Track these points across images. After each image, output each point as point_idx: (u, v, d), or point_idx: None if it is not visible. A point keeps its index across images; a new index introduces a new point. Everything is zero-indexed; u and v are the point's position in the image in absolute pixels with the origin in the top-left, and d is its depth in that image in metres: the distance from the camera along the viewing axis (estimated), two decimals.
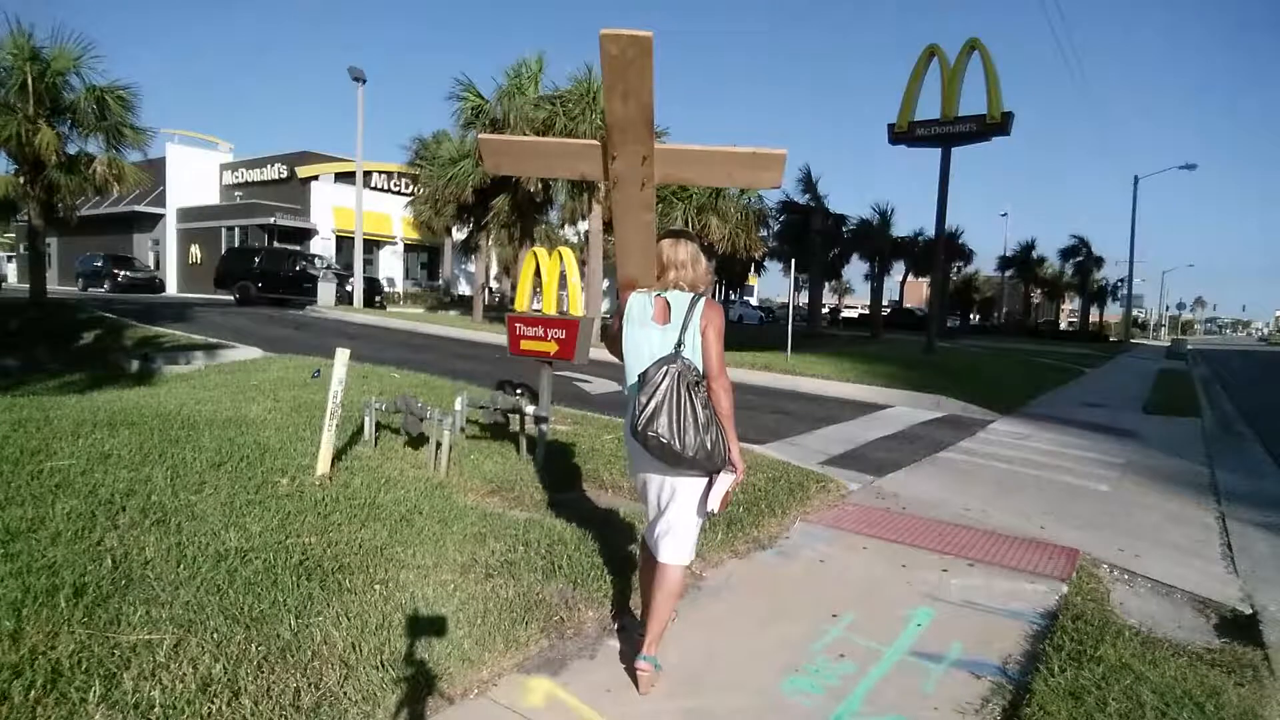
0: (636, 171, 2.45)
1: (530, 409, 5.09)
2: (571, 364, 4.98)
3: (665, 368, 2.39)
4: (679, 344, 2.47)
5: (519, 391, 5.69)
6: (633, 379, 2.54)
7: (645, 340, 2.54)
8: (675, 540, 2.54)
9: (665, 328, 2.53)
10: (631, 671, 2.58)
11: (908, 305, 54.62)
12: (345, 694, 2.26)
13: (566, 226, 30.44)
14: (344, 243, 29.33)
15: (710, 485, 2.48)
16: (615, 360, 2.70)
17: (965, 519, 4.77)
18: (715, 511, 2.50)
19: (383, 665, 2.41)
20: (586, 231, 19.76)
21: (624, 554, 3.56)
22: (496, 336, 14.68)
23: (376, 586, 2.92)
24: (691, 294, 2.57)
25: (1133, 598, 3.74)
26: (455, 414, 4.80)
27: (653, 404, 2.35)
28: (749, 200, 16.47)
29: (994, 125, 18.03)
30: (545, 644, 2.78)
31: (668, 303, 2.56)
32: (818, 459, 6.20)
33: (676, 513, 2.54)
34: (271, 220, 29.14)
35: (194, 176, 32.76)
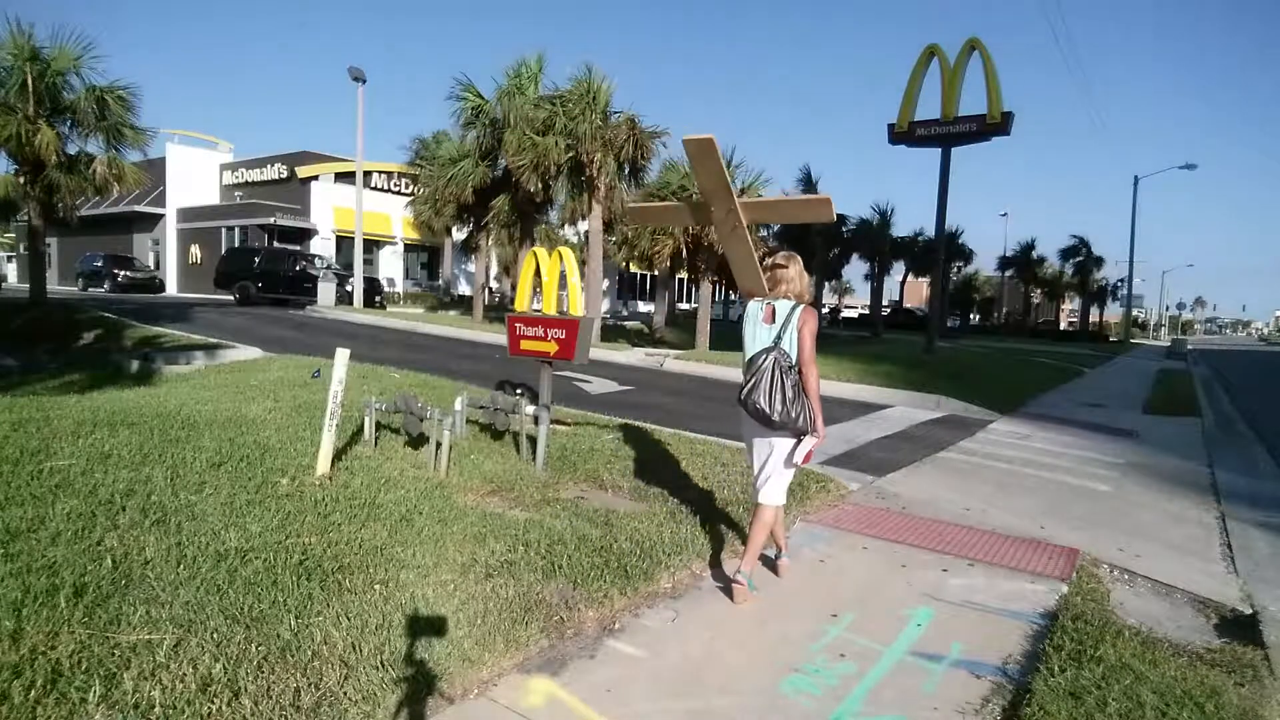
0: (728, 219, 3.38)
1: (530, 409, 5.09)
2: (571, 364, 4.98)
3: (767, 355, 3.24)
4: (778, 338, 3.27)
5: (519, 391, 5.70)
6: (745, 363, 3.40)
7: (756, 335, 3.35)
8: (770, 487, 3.38)
9: (771, 326, 3.32)
10: (729, 588, 3.35)
11: (908, 305, 54.62)
12: (345, 694, 2.26)
13: (566, 226, 30.40)
14: (344, 243, 29.31)
15: (797, 445, 3.28)
16: (616, 361, 2.80)
17: (965, 519, 4.77)
18: (799, 464, 3.33)
19: (383, 665, 2.41)
20: (586, 231, 19.74)
21: (624, 553, 3.56)
22: (496, 336, 14.68)
23: (376, 586, 2.92)
24: (794, 302, 3.35)
25: (1133, 598, 3.74)
26: (455, 414, 4.80)
27: (754, 380, 3.23)
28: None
29: (994, 125, 18.01)
30: (545, 644, 2.78)
31: (774, 308, 3.34)
32: (817, 459, 6.18)
33: (773, 464, 3.36)
34: (271, 220, 29.12)
35: (194, 176, 32.73)
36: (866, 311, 44.25)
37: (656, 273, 24.40)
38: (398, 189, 32.30)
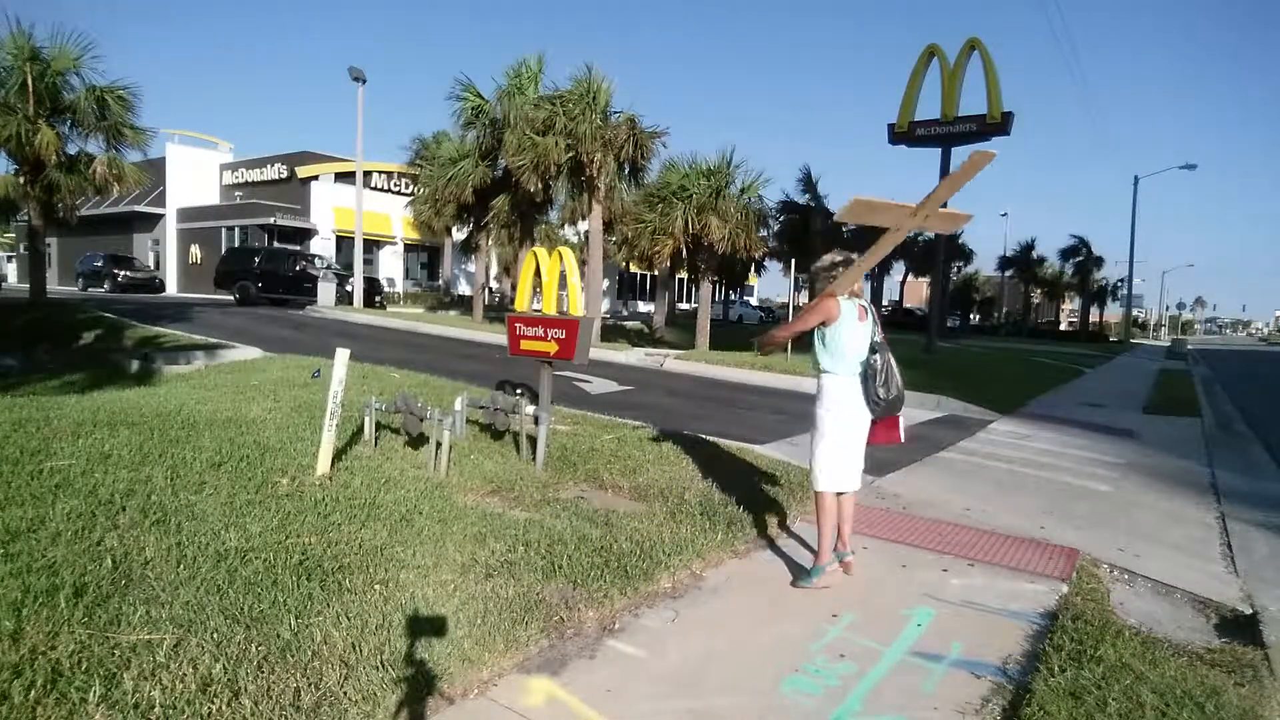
0: (916, 224, 3.38)
1: (530, 409, 5.09)
2: (571, 364, 4.98)
3: (884, 350, 3.52)
4: (874, 333, 3.56)
5: (519, 391, 5.70)
6: (853, 361, 3.52)
7: (859, 333, 3.53)
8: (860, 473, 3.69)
9: (865, 323, 3.56)
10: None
11: (908, 305, 54.61)
12: (345, 694, 2.26)
13: (566, 226, 30.38)
14: (344, 243, 29.33)
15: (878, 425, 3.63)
16: (616, 361, 2.79)
17: (965, 519, 4.77)
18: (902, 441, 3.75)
19: (383, 665, 2.41)
20: (586, 231, 19.74)
21: (624, 553, 3.56)
22: (496, 336, 14.67)
23: (376, 586, 2.92)
24: (864, 300, 3.64)
25: (1133, 598, 3.74)
26: (455, 414, 4.80)
27: (887, 375, 3.49)
28: (749, 200, 16.44)
29: (994, 125, 18.05)
30: (545, 644, 2.78)
31: (864, 307, 3.59)
32: None
33: (862, 449, 3.64)
34: (271, 220, 29.13)
35: (194, 176, 32.76)
36: None
37: (656, 273, 24.40)
38: (398, 189, 32.30)
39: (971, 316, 56.97)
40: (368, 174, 28.68)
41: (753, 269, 34.37)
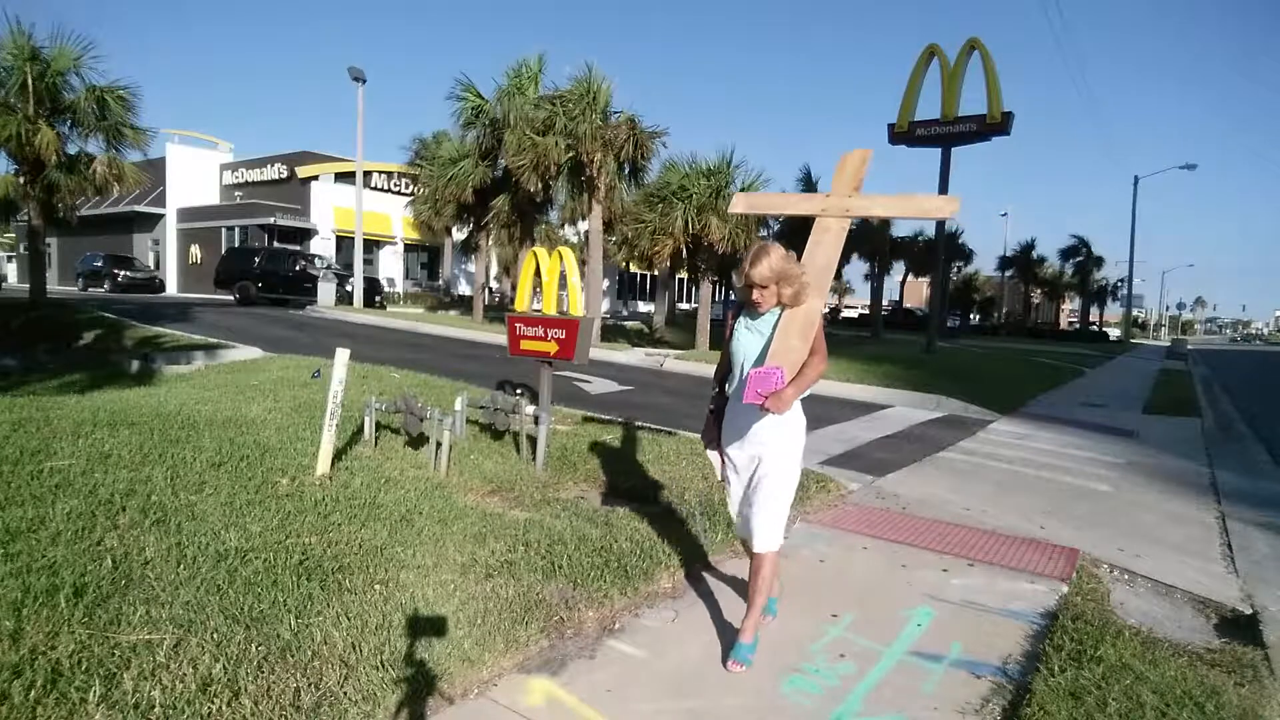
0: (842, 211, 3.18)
1: (530, 409, 5.09)
2: (571, 364, 4.98)
3: None
4: None
5: (519, 391, 5.70)
6: None
7: None
8: None
9: None
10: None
11: (908, 305, 54.57)
12: (345, 694, 2.26)
13: (566, 226, 30.40)
14: (344, 243, 29.32)
15: None
16: (616, 361, 2.74)
17: (965, 519, 4.77)
18: None
19: (383, 665, 2.41)
20: (586, 231, 19.75)
21: (624, 553, 3.55)
22: (496, 336, 14.67)
23: (376, 586, 2.92)
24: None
25: (1133, 598, 3.74)
26: (455, 414, 4.80)
27: None
28: None
29: (994, 125, 18.04)
30: (545, 644, 2.78)
31: None
32: (817, 459, 6.19)
33: None
34: (271, 220, 29.12)
35: (194, 176, 32.75)
36: (866, 311, 44.22)
37: (656, 273, 24.42)
38: (398, 189, 32.30)
39: (971, 316, 56.92)
40: (368, 174, 28.68)
41: None
